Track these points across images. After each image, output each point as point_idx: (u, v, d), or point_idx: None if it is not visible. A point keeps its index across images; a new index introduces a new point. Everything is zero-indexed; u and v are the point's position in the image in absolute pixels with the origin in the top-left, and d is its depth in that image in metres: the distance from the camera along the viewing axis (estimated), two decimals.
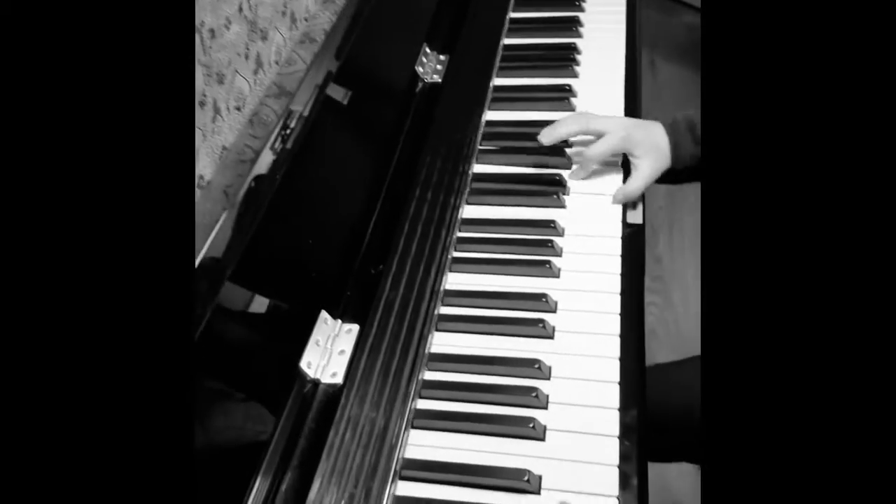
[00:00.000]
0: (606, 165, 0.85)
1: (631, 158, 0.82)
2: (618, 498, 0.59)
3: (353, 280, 0.67)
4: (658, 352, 1.53)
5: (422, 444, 0.63)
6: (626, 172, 0.84)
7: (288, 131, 0.71)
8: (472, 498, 0.59)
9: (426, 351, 0.68)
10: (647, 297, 1.73)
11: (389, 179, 0.78)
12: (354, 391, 0.58)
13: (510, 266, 0.76)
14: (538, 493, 0.59)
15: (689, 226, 1.79)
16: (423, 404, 0.66)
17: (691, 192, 1.85)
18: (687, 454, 0.99)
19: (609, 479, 0.60)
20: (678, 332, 1.59)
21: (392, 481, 0.53)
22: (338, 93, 0.80)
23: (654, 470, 0.68)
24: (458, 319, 0.72)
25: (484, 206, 0.83)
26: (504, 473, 0.60)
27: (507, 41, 1.03)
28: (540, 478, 0.60)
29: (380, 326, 0.63)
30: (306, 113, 0.73)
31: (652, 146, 0.81)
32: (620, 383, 0.66)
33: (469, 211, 0.82)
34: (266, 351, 0.59)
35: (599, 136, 0.83)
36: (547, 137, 0.84)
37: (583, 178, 0.84)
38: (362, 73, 0.85)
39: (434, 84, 0.90)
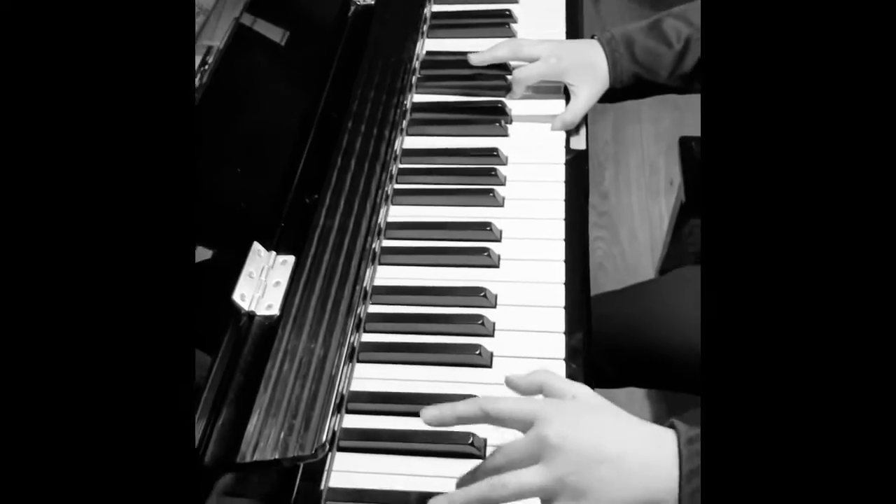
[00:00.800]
0: (549, 91, 0.83)
1: (567, 85, 0.81)
2: None
3: (286, 211, 0.64)
4: (606, 286, 1.54)
5: (368, 377, 0.62)
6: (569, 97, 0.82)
7: (206, 67, 0.67)
8: (420, 427, 0.58)
9: (369, 284, 0.67)
10: (595, 233, 1.74)
11: (322, 109, 0.75)
12: (291, 323, 0.56)
13: (453, 196, 0.74)
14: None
15: (634, 161, 1.80)
16: (367, 337, 0.65)
17: (636, 128, 1.85)
18: (635, 379, 1.01)
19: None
20: (625, 267, 1.61)
21: (333, 413, 0.52)
22: (259, 22, 0.76)
23: (603, 395, 0.68)
24: (401, 252, 0.71)
25: (425, 136, 0.81)
26: (452, 400, 0.59)
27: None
28: None
29: (316, 258, 0.61)
30: (222, 46, 0.69)
31: (588, 70, 0.79)
32: (566, 307, 0.66)
33: (410, 142, 0.80)
34: (197, 285, 0.56)
35: (532, 61, 0.81)
36: (476, 60, 0.82)
37: (519, 100, 0.82)
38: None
39: (367, 7, 0.86)
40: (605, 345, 0.93)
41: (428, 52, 0.88)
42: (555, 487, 0.46)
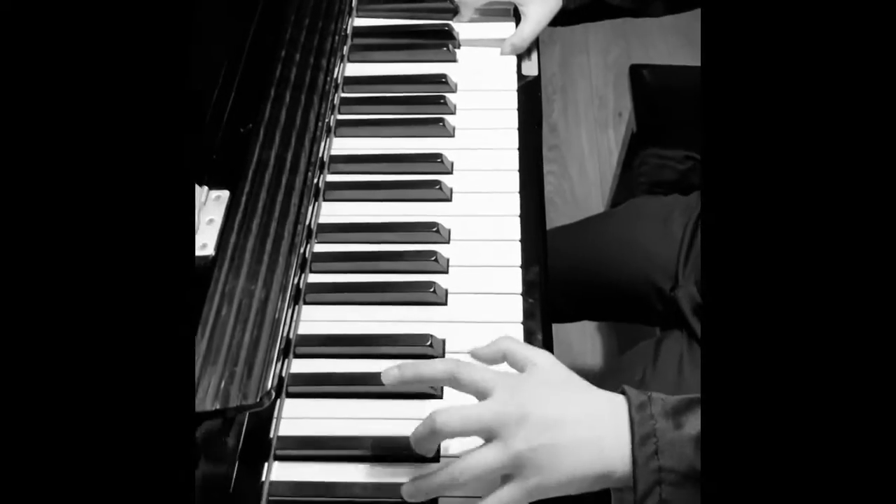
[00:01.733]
0: (498, 14, 0.79)
1: (518, 6, 0.76)
2: None
3: (219, 143, 0.59)
4: (556, 221, 1.53)
5: (317, 320, 0.59)
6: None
7: None
8: (374, 368, 0.56)
9: (313, 222, 0.63)
10: (545, 167, 1.72)
11: (253, 36, 0.69)
12: (228, 263, 0.52)
13: (401, 126, 0.70)
14: (443, 356, 0.57)
15: (583, 93, 1.77)
16: (315, 278, 0.61)
17: (584, 59, 1.81)
18: (588, 313, 1.01)
19: (514, 337, 0.58)
20: (575, 201, 1.60)
21: (278, 358, 0.49)
22: None
23: (557, 330, 0.67)
24: (347, 187, 0.67)
25: (368, 62, 0.75)
26: (406, 340, 0.57)
27: None
28: (443, 342, 0.57)
29: (252, 194, 0.57)
30: None
31: None
32: (522, 241, 0.63)
33: (352, 69, 0.75)
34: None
35: None
36: None
37: (467, 23, 0.77)
38: None
39: None
40: (558, 280, 0.92)
41: None
42: (514, 464, 0.45)
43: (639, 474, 0.45)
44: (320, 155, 0.64)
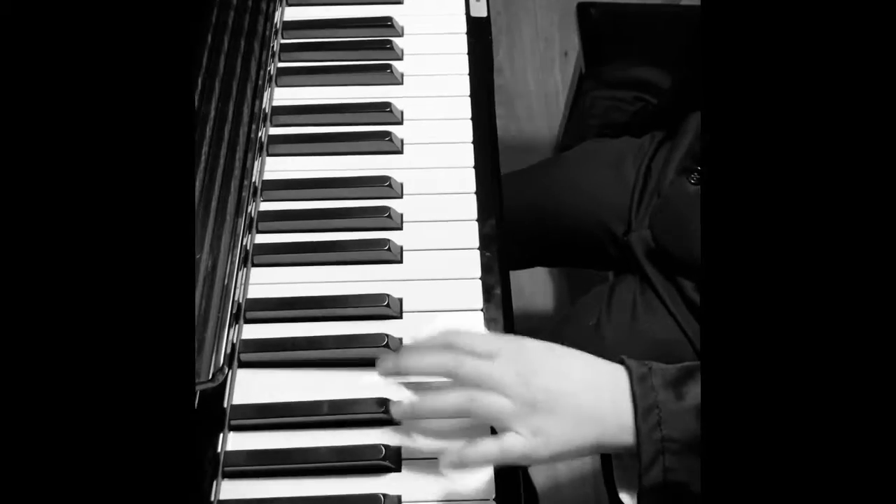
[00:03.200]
0: None
1: None
2: (482, 310, 0.56)
3: None
4: (506, 163, 1.52)
5: (267, 282, 0.56)
6: None
7: None
8: (331, 331, 0.54)
9: (258, 179, 0.60)
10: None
11: None
12: None
13: (346, 74, 0.66)
14: (400, 316, 0.55)
15: (528, 32, 1.73)
16: (262, 238, 0.58)
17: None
18: (541, 259, 1.00)
19: (473, 293, 0.57)
20: (524, 143, 1.58)
21: (230, 324, 0.46)
22: None
23: (510, 277, 0.66)
24: (292, 140, 0.63)
25: (308, 6, 0.71)
26: (362, 301, 0.55)
27: None
28: (401, 301, 0.56)
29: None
30: None
31: None
32: (477, 193, 0.61)
33: (291, 13, 0.70)
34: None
35: None
36: None
37: None
38: None
39: None
40: (510, 226, 0.91)
41: None
42: (515, 424, 0.46)
43: (643, 445, 0.46)
44: (263, 106, 0.60)
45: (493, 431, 0.48)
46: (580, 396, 0.47)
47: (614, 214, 0.85)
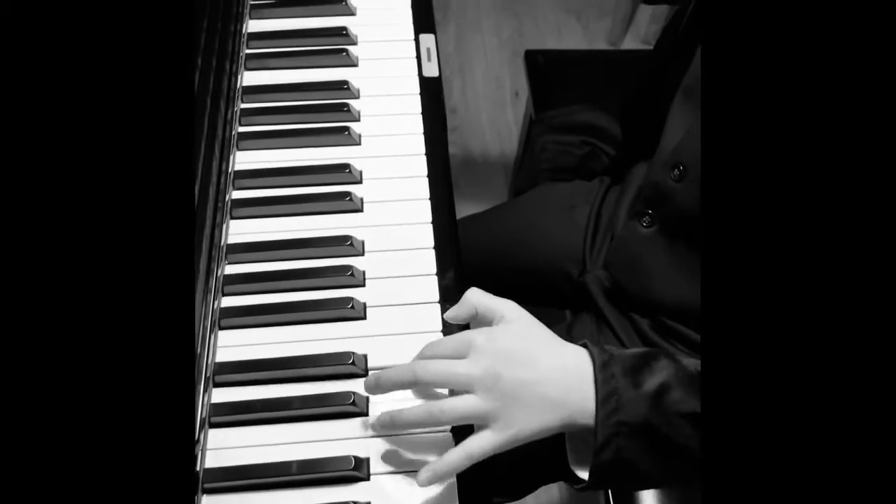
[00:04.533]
0: (394, 23, 0.78)
1: None
2: None
3: None
4: (463, 203, 1.55)
5: (233, 345, 0.58)
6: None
7: None
8: (297, 392, 0.56)
9: (222, 242, 0.61)
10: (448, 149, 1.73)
11: None
12: None
13: (305, 137, 0.69)
14: (366, 373, 0.57)
15: (480, 73, 1.78)
16: (228, 301, 0.60)
17: (479, 38, 1.82)
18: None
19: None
20: (479, 183, 1.62)
21: (205, 389, 0.48)
22: None
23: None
24: (254, 203, 0.65)
25: (266, 70, 0.73)
26: (327, 360, 0.57)
27: None
28: (365, 357, 0.58)
29: None
30: None
31: None
32: (436, 248, 0.64)
33: (249, 77, 0.72)
34: None
35: None
36: None
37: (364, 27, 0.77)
38: None
39: None
40: (469, 270, 0.94)
41: None
42: (487, 417, 0.49)
43: (599, 428, 0.50)
44: (231, 167, 0.62)
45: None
46: (548, 384, 0.50)
47: (569, 256, 0.88)
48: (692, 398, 0.51)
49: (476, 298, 0.54)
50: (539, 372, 0.50)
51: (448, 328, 0.60)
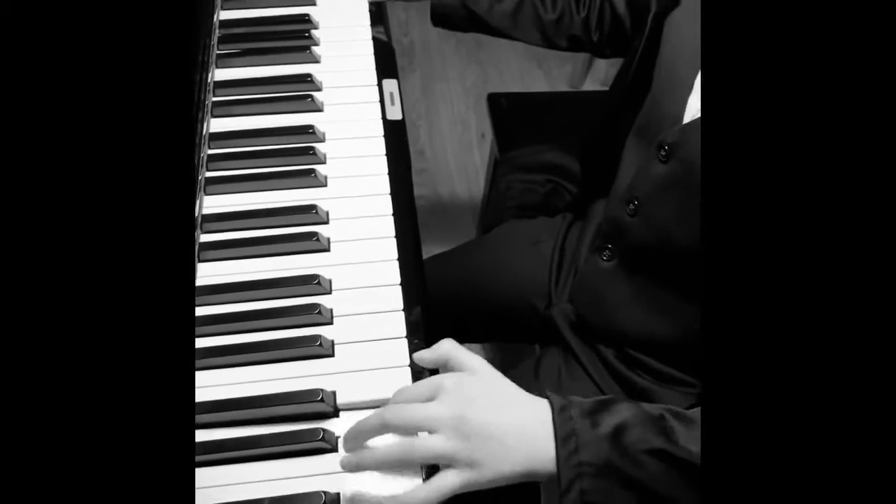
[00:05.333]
0: (358, 72, 0.80)
1: None
2: None
3: None
4: (432, 243, 1.57)
5: (204, 386, 0.58)
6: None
7: None
8: (269, 431, 0.56)
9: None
10: (416, 191, 1.76)
11: None
12: None
13: (272, 180, 0.70)
14: (335, 410, 0.58)
15: (446, 117, 1.82)
16: (200, 343, 0.60)
17: (444, 85, 1.87)
18: (470, 336, 1.05)
19: (403, 380, 0.60)
20: (448, 223, 1.65)
21: None
22: None
23: None
24: (223, 246, 0.66)
25: (232, 117, 0.75)
26: (297, 398, 0.57)
27: None
28: (334, 394, 0.58)
29: None
30: None
31: None
32: (402, 284, 0.65)
33: (216, 124, 0.74)
34: None
35: None
36: None
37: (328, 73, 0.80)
38: None
39: None
40: (439, 306, 0.95)
41: (223, 23, 0.82)
42: (454, 458, 0.50)
43: (562, 469, 0.50)
44: (200, 211, 0.63)
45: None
46: (511, 430, 0.51)
47: (535, 290, 0.90)
48: (653, 436, 0.51)
49: (449, 348, 0.55)
50: (503, 418, 0.51)
51: (415, 363, 0.61)
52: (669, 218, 0.66)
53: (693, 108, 0.65)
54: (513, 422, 0.51)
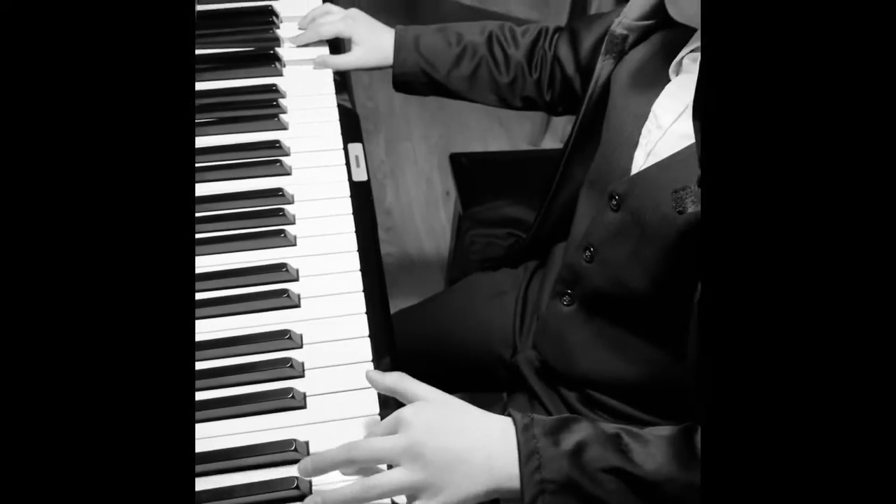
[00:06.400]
0: (325, 141, 0.85)
1: (351, 41, 0.90)
2: None
3: None
4: (402, 299, 1.60)
5: None
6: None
7: None
8: (243, 481, 0.58)
9: None
10: (384, 249, 1.79)
11: None
12: None
13: (243, 241, 0.74)
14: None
15: (411, 176, 1.88)
16: None
17: (408, 146, 1.93)
18: (439, 387, 1.07)
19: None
20: (416, 279, 1.68)
21: None
22: None
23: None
24: (198, 305, 0.69)
25: (206, 182, 0.79)
26: (270, 448, 0.59)
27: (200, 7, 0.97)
28: (307, 444, 0.60)
29: None
30: None
31: (372, 40, 0.90)
32: (371, 337, 0.68)
33: None
34: None
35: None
36: None
37: (297, 138, 0.84)
38: None
39: None
40: (407, 359, 0.97)
41: (196, 93, 0.86)
42: (416, 488, 0.52)
43: (525, 486, 0.53)
44: None
45: None
46: (475, 452, 0.54)
47: (501, 339, 0.93)
48: (611, 454, 0.55)
49: (395, 381, 0.59)
50: (464, 440, 0.54)
51: (385, 411, 0.63)
52: (622, 263, 0.70)
53: (639, 161, 0.70)
54: (475, 444, 0.54)
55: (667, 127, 0.67)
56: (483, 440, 0.54)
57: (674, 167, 0.64)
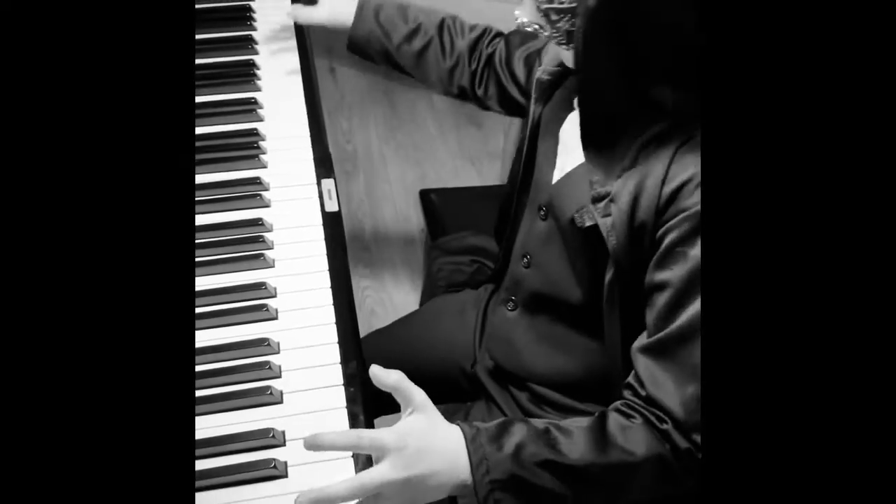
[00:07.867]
0: (300, 176, 0.96)
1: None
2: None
3: None
4: (377, 326, 1.70)
5: None
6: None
7: None
8: (229, 463, 0.67)
9: None
10: (364, 283, 1.90)
11: None
12: None
13: (228, 264, 0.84)
14: (284, 444, 0.70)
15: (389, 214, 1.99)
16: None
17: (386, 187, 2.05)
18: None
19: (341, 420, 0.72)
20: (394, 309, 1.78)
21: None
22: None
23: (386, 420, 0.80)
24: None
25: (197, 214, 0.89)
26: (252, 436, 0.69)
27: None
28: (284, 432, 0.70)
29: None
30: None
31: (339, 2, 1.02)
32: (339, 343, 0.79)
33: None
34: None
35: None
36: None
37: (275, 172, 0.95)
38: None
39: None
40: None
41: None
42: (392, 488, 0.63)
43: (478, 487, 0.65)
44: None
45: None
46: (440, 475, 0.65)
47: (463, 353, 1.03)
48: (543, 448, 0.66)
49: (398, 380, 0.70)
50: (435, 463, 0.65)
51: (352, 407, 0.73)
52: (553, 265, 0.82)
53: (557, 177, 0.81)
54: (442, 467, 0.65)
55: (572, 148, 0.79)
56: (447, 456, 0.66)
57: (574, 180, 0.76)
